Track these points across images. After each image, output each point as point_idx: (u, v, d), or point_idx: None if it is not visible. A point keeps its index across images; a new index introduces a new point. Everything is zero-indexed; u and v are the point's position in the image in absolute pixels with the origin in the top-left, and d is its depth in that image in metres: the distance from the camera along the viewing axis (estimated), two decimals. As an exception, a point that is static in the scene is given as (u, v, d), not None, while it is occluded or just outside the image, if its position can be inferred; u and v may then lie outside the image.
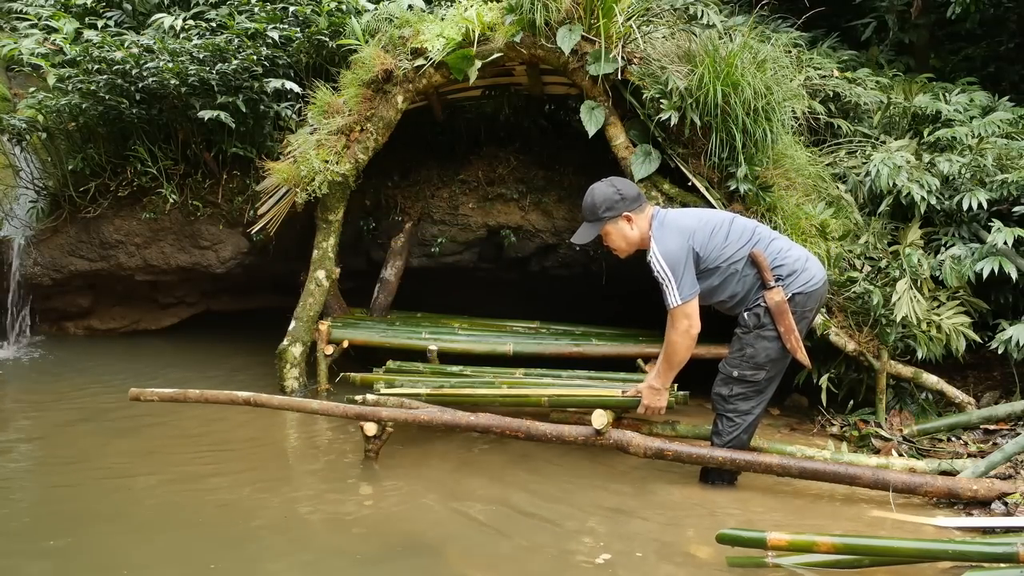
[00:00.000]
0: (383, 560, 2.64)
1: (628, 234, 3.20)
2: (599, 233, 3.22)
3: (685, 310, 3.08)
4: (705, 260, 3.12)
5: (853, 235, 4.25)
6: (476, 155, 5.41)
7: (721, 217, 3.23)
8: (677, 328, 3.12)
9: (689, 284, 3.07)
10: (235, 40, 4.96)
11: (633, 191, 3.21)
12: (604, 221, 3.18)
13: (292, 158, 4.53)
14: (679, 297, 3.06)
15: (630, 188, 3.22)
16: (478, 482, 3.33)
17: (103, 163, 5.30)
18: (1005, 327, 3.80)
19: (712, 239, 3.13)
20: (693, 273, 3.10)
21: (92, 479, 3.32)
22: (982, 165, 4.29)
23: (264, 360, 4.85)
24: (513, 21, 4.25)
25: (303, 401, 3.66)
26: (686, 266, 3.07)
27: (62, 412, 4.24)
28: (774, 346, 3.12)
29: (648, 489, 3.28)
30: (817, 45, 5.63)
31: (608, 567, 2.60)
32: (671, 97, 4.01)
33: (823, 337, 3.92)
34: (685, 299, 3.07)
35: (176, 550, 2.70)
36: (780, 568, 2.55)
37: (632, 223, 3.18)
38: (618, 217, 3.17)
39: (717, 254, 3.12)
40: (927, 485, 3.04)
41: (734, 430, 3.18)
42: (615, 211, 3.16)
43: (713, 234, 3.13)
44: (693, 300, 3.09)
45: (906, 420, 3.97)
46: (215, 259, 5.36)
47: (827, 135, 4.94)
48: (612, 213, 3.16)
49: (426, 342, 4.48)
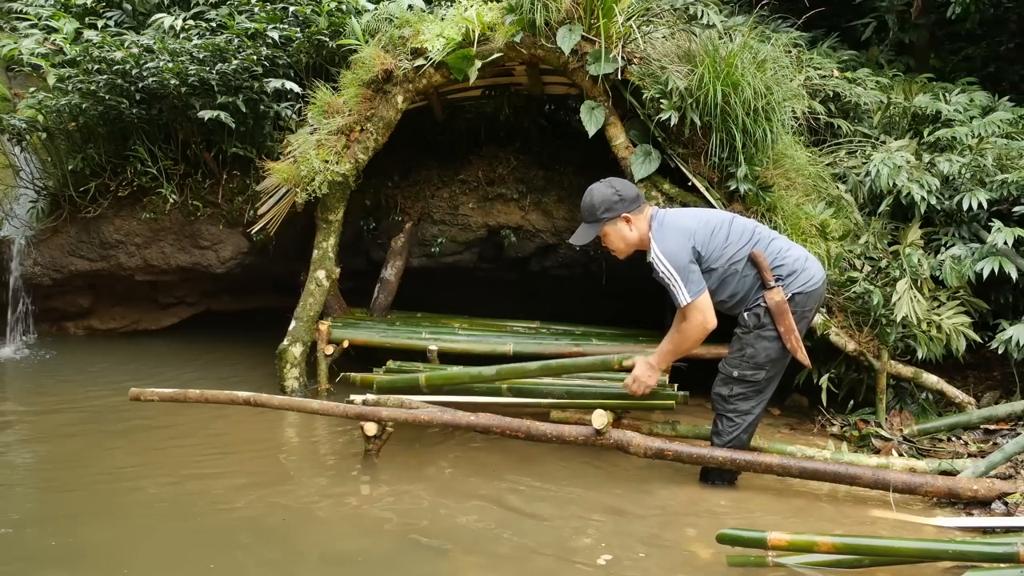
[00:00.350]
0: (383, 560, 2.64)
1: (627, 235, 3.19)
2: (598, 234, 3.22)
3: (697, 305, 3.06)
4: (706, 260, 3.11)
5: (853, 235, 4.25)
6: (476, 155, 5.41)
7: (721, 217, 3.23)
8: (691, 321, 3.10)
9: (696, 281, 3.06)
10: (235, 40, 4.96)
11: (632, 192, 3.20)
12: (603, 222, 3.18)
13: (292, 158, 4.53)
14: (688, 295, 3.05)
15: (629, 189, 3.21)
16: (478, 482, 3.33)
17: (103, 163, 5.29)
18: (1005, 327, 3.81)
19: (713, 239, 3.12)
20: (698, 270, 3.09)
21: (92, 479, 3.31)
22: (982, 165, 4.29)
23: (264, 360, 4.85)
24: (513, 21, 4.25)
25: (303, 401, 3.66)
26: (689, 263, 3.06)
27: (62, 412, 4.24)
28: (774, 346, 3.12)
29: (648, 489, 3.28)
30: (817, 45, 5.63)
31: (608, 567, 2.60)
32: (671, 97, 4.01)
33: (823, 337, 3.92)
34: (695, 295, 3.05)
35: (175, 550, 2.69)
36: (781, 568, 2.55)
37: (631, 224, 3.17)
38: (617, 218, 3.16)
39: (718, 254, 3.11)
40: (927, 485, 3.04)
41: (734, 430, 3.18)
42: (613, 212, 3.15)
43: (714, 234, 3.13)
44: (704, 295, 3.08)
45: (906, 420, 3.97)
46: (215, 259, 5.36)
47: (827, 135, 4.94)
48: (611, 214, 3.16)
49: (426, 342, 4.48)
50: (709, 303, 3.09)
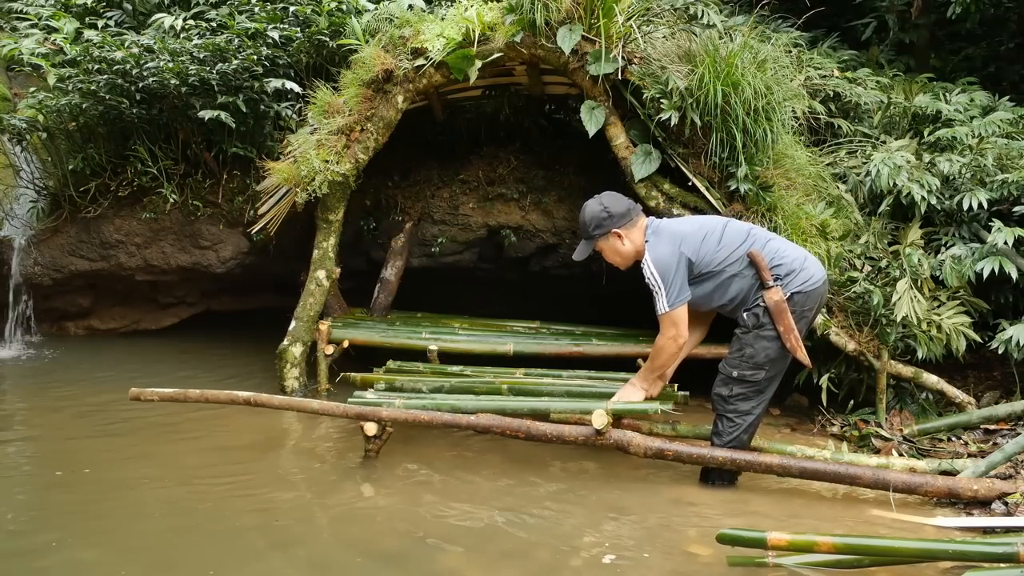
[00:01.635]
0: (384, 560, 2.64)
1: (620, 249, 3.27)
2: (594, 249, 3.33)
3: (673, 317, 3.15)
4: (698, 265, 3.16)
5: (853, 235, 4.25)
6: (476, 155, 5.41)
7: (715, 222, 3.28)
8: (665, 334, 3.20)
9: (678, 291, 3.13)
10: (235, 40, 4.96)
11: (622, 207, 3.24)
12: (595, 239, 3.29)
13: (292, 158, 4.53)
14: (667, 304, 3.13)
15: (619, 204, 3.25)
16: (478, 482, 3.33)
17: (103, 163, 5.30)
18: (1005, 327, 3.81)
19: (704, 244, 3.17)
20: (685, 279, 3.14)
21: (91, 479, 3.31)
22: (982, 165, 4.29)
23: (264, 360, 4.85)
24: (513, 21, 4.25)
25: (303, 401, 3.66)
26: (676, 273, 3.12)
27: (62, 412, 4.24)
28: (773, 346, 3.13)
29: (648, 489, 3.28)
30: (817, 45, 5.63)
31: (609, 567, 2.60)
32: (671, 97, 4.01)
33: (823, 337, 3.92)
34: (673, 305, 3.13)
35: (175, 550, 2.69)
36: (780, 568, 2.55)
37: (623, 239, 3.25)
38: (608, 234, 3.25)
39: (710, 258, 3.16)
40: (927, 485, 3.04)
41: (734, 430, 3.19)
42: (603, 229, 3.24)
43: (705, 239, 3.18)
44: (681, 307, 3.15)
45: (906, 420, 3.97)
46: (215, 259, 5.36)
47: (827, 135, 4.94)
48: (601, 231, 3.25)
49: (426, 342, 4.48)
50: (684, 316, 3.17)
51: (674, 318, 3.15)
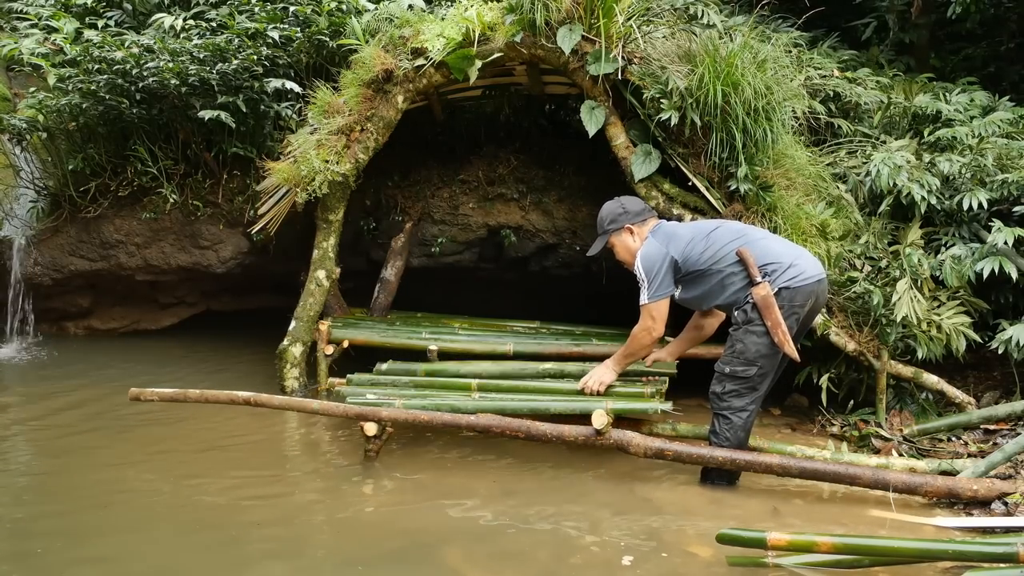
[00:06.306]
0: (383, 560, 2.64)
1: (630, 245, 3.44)
2: (607, 244, 3.50)
3: (651, 309, 3.32)
4: (684, 264, 3.28)
5: (853, 235, 4.25)
6: (476, 155, 5.40)
7: (709, 225, 3.42)
8: (642, 324, 3.37)
9: (660, 286, 3.28)
10: (235, 40, 4.96)
11: (637, 206, 3.49)
12: (609, 233, 3.48)
13: (292, 158, 4.53)
14: (648, 296, 3.31)
15: (635, 204, 3.50)
16: (478, 481, 3.33)
17: (103, 163, 5.30)
18: (1005, 327, 3.80)
19: (691, 245, 3.29)
20: (668, 277, 3.29)
21: (90, 479, 3.32)
22: (982, 165, 4.29)
23: (264, 360, 4.85)
24: (513, 21, 4.25)
25: (303, 401, 3.66)
26: (660, 269, 3.27)
27: (62, 411, 4.24)
28: (763, 341, 3.15)
29: (648, 489, 3.28)
30: (817, 45, 5.63)
31: (608, 567, 2.60)
32: (671, 97, 4.01)
33: (823, 337, 3.92)
34: (653, 299, 3.30)
35: (174, 551, 2.70)
36: (780, 568, 2.55)
37: (634, 235, 3.45)
38: (621, 229, 3.45)
39: (696, 257, 3.27)
40: (927, 485, 3.05)
41: (730, 428, 3.21)
42: (618, 223, 3.45)
43: (693, 240, 3.31)
44: (661, 302, 3.30)
45: (906, 420, 3.97)
46: (215, 259, 5.36)
47: (827, 135, 4.94)
48: (615, 225, 3.46)
49: (426, 342, 4.47)
50: (663, 312, 3.33)
51: (652, 311, 3.31)
